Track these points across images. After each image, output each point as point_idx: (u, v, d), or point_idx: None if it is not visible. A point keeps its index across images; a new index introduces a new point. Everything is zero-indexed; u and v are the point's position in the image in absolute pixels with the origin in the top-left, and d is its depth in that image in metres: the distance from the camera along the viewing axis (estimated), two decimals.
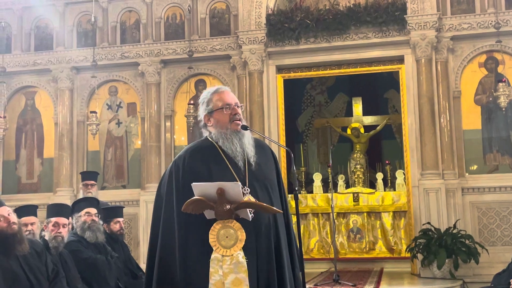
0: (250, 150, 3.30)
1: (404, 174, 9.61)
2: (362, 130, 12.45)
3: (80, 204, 5.75)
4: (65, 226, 5.12)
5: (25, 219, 5.32)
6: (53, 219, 5.08)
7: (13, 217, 4.36)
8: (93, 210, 5.66)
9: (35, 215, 5.38)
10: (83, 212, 5.62)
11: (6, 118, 9.53)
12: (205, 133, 3.41)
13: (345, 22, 8.79)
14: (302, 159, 12.17)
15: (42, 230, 5.21)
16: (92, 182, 7.21)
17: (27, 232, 5.20)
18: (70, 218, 5.50)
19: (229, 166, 3.26)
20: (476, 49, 8.68)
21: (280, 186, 3.42)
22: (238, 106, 3.35)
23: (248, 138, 3.33)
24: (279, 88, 9.26)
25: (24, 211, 5.41)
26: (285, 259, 3.23)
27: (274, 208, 3.07)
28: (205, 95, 3.42)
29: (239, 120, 3.32)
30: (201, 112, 3.40)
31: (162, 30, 9.72)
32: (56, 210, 5.21)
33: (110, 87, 9.94)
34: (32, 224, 5.26)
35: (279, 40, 9.09)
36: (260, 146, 3.41)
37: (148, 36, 9.68)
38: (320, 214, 10.13)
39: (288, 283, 3.21)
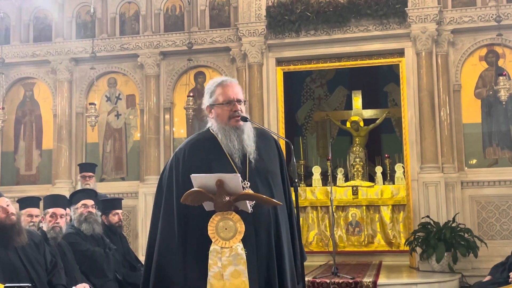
0: (250, 146, 3.28)
1: (403, 167, 9.61)
2: (361, 124, 12.44)
3: (77, 196, 5.73)
4: (63, 216, 5.11)
5: (30, 210, 5.32)
6: (50, 210, 5.08)
7: (12, 208, 4.35)
8: (90, 202, 5.64)
9: (38, 206, 5.38)
10: (79, 204, 5.60)
11: (5, 110, 9.50)
12: (208, 123, 3.40)
13: (346, 15, 8.75)
14: (302, 152, 12.16)
15: (40, 221, 5.20)
16: (90, 174, 7.20)
17: (31, 224, 5.20)
18: (68, 209, 5.50)
19: (230, 159, 3.25)
20: (476, 43, 8.66)
21: (283, 178, 3.40)
22: (240, 102, 3.32)
23: (248, 132, 3.30)
24: (279, 80, 9.24)
25: (28, 202, 5.42)
26: (285, 251, 3.21)
27: (274, 200, 3.05)
28: (210, 85, 3.41)
29: (238, 116, 3.30)
30: (205, 102, 3.40)
31: (161, 22, 9.68)
32: (53, 201, 5.20)
33: (109, 79, 9.91)
34: (37, 216, 5.26)
35: (279, 32, 9.05)
36: (264, 138, 3.39)
37: (147, 27, 9.63)
38: (319, 207, 10.13)
39: (288, 275, 3.20)
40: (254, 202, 3.11)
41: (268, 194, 3.15)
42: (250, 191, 3.13)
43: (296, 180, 3.24)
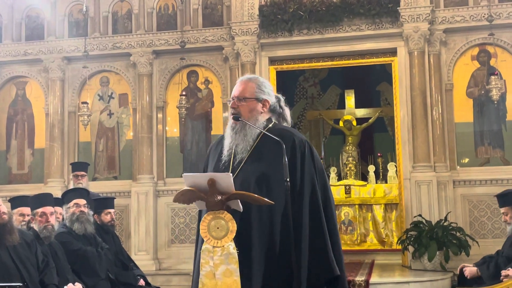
0: (242, 146, 3.26)
1: (395, 166, 9.64)
2: (354, 123, 12.47)
3: (69, 195, 5.71)
4: (52, 214, 5.08)
5: (22, 210, 5.30)
6: (39, 210, 5.03)
7: (3, 207, 4.34)
8: (82, 201, 5.61)
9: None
10: (71, 203, 5.57)
11: None
12: None
13: (338, 14, 8.76)
14: None
15: (29, 221, 5.16)
16: (83, 173, 7.18)
17: (23, 223, 5.18)
18: (57, 207, 5.47)
19: (231, 160, 3.27)
20: (468, 42, 8.69)
21: (295, 185, 3.16)
22: (240, 99, 3.33)
23: (243, 131, 3.28)
24: (272, 80, 9.23)
25: (20, 201, 5.40)
26: (256, 259, 3.06)
27: (266, 199, 3.01)
28: None
29: (232, 114, 3.34)
30: None
31: (154, 21, 9.65)
32: (40, 200, 5.16)
33: (102, 78, 9.87)
34: (28, 215, 5.24)
35: (272, 31, 9.05)
36: (274, 140, 3.17)
37: (140, 26, 9.61)
38: None
39: (255, 277, 3.05)
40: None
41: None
42: None
43: (288, 179, 3.15)
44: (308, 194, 3.20)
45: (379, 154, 11.78)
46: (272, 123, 3.38)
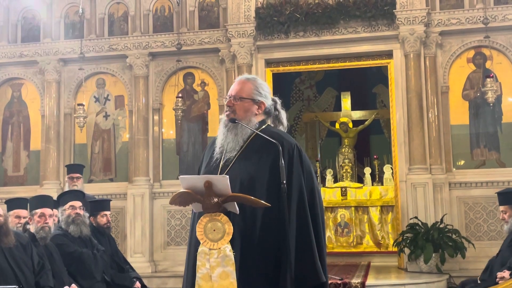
0: (231, 146, 3.25)
1: (392, 168, 9.64)
2: (350, 125, 12.48)
3: (64, 197, 5.70)
4: (51, 216, 5.09)
5: (18, 212, 5.29)
6: (39, 211, 5.04)
7: None
8: (78, 203, 5.61)
9: (26, 208, 5.35)
10: (67, 206, 5.57)
11: None
12: None
13: (334, 16, 8.78)
14: None
15: (27, 223, 5.16)
16: (78, 175, 7.16)
17: (19, 225, 5.17)
18: (55, 210, 5.46)
19: (222, 158, 3.25)
20: (464, 45, 8.71)
21: (287, 186, 3.10)
22: (236, 98, 3.32)
23: (234, 131, 3.26)
24: (268, 82, 9.22)
25: (16, 203, 5.39)
26: (236, 253, 3.03)
27: (262, 201, 3.01)
28: None
29: (227, 112, 3.32)
30: None
31: (150, 23, 9.64)
32: (40, 201, 5.17)
33: (98, 80, 9.86)
34: (24, 217, 5.23)
35: (268, 33, 9.06)
36: (266, 143, 3.17)
37: (136, 28, 9.60)
38: None
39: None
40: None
41: None
42: None
43: (284, 181, 3.07)
44: (296, 197, 3.16)
45: (375, 156, 11.79)
46: (265, 125, 3.37)
